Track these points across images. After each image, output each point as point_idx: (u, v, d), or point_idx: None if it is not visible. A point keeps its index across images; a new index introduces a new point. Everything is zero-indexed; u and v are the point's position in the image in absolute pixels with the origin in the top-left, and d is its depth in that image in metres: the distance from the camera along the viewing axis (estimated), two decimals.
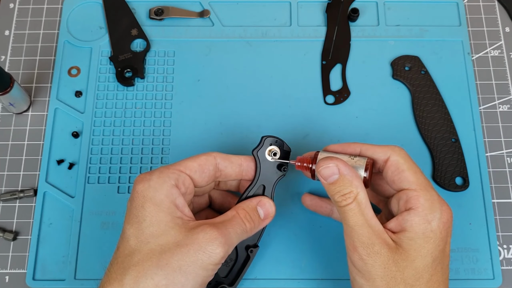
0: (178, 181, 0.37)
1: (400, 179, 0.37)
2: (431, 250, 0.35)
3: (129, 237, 0.35)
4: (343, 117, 0.53)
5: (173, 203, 0.36)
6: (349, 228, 0.36)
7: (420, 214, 0.35)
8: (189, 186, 0.38)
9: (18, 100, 0.52)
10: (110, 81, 0.54)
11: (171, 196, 0.36)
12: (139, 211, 0.35)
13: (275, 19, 0.58)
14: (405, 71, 0.54)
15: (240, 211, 0.38)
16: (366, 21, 0.57)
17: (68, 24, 0.57)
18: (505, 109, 0.54)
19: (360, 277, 0.36)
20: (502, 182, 0.51)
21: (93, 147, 0.52)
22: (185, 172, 0.38)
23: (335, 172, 0.37)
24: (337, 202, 0.37)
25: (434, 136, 0.51)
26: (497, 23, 0.58)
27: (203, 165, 0.39)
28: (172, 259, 0.34)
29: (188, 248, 0.34)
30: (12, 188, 0.51)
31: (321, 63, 0.55)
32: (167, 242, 0.34)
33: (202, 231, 0.35)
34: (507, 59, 0.56)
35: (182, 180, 0.37)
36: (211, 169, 0.39)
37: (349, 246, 0.36)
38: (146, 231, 0.35)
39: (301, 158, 0.41)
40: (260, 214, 0.40)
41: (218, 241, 0.34)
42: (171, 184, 0.36)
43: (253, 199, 0.40)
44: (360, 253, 0.35)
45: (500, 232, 0.49)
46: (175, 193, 0.36)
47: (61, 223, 0.49)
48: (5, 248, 0.49)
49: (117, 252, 0.36)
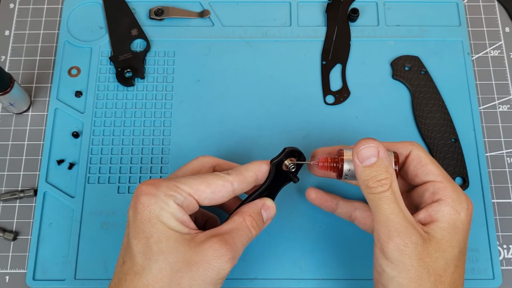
0: (183, 204, 0.36)
1: (425, 172, 0.38)
2: (459, 241, 0.35)
3: (136, 253, 0.34)
4: (343, 117, 0.53)
5: (179, 220, 0.35)
6: (384, 217, 0.34)
7: (450, 205, 0.35)
8: (193, 209, 0.37)
9: (18, 100, 0.52)
10: (110, 81, 0.54)
11: (178, 214, 0.35)
12: (145, 225, 0.34)
13: (275, 19, 0.58)
14: (405, 71, 0.54)
15: (247, 218, 0.37)
16: (366, 21, 0.57)
17: (68, 24, 0.57)
18: (505, 109, 0.54)
19: (392, 268, 0.35)
20: (502, 182, 0.51)
21: (93, 147, 0.52)
22: (193, 197, 0.36)
23: (374, 154, 0.35)
24: (370, 188, 0.35)
25: (434, 136, 0.51)
26: (497, 23, 0.58)
27: (217, 192, 0.37)
28: (183, 279, 0.33)
29: (198, 266, 0.33)
30: (12, 188, 0.51)
31: (321, 63, 0.55)
32: (176, 261, 0.34)
33: (211, 247, 0.34)
34: (507, 59, 0.56)
35: (187, 203, 0.36)
36: (225, 196, 0.37)
37: (383, 236, 0.34)
38: (154, 247, 0.34)
39: (325, 158, 0.40)
40: (263, 217, 0.39)
41: (227, 258, 0.34)
42: (177, 205, 0.35)
43: (257, 201, 0.39)
44: (398, 243, 0.34)
45: (500, 232, 0.49)
46: (180, 211, 0.35)
47: (61, 223, 0.49)
48: (5, 248, 0.49)
49: (123, 266, 0.35)
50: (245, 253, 0.47)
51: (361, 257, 0.47)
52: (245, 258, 0.47)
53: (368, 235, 0.41)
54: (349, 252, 0.47)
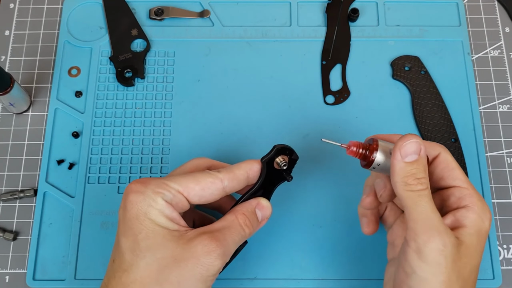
0: (172, 201, 0.35)
1: (451, 177, 0.37)
2: (482, 249, 0.35)
3: (124, 250, 0.34)
4: (343, 117, 0.53)
5: (168, 217, 0.35)
6: (423, 215, 0.33)
7: (477, 212, 0.35)
8: (183, 207, 0.36)
9: (18, 100, 0.52)
10: (110, 81, 0.54)
11: (166, 210, 0.35)
12: (133, 223, 0.34)
13: (275, 19, 0.58)
14: (405, 71, 0.54)
15: (239, 216, 0.37)
16: (366, 21, 0.57)
17: (68, 24, 0.57)
18: (505, 109, 0.54)
19: (424, 270, 0.33)
20: (502, 182, 0.51)
21: (93, 147, 0.52)
22: (182, 194, 0.36)
23: (416, 151, 0.34)
24: (410, 185, 0.34)
25: (434, 136, 0.51)
26: (497, 23, 0.58)
27: (206, 189, 0.36)
28: (171, 275, 0.33)
29: (187, 262, 0.33)
30: (12, 188, 0.51)
31: (321, 63, 0.55)
32: (164, 256, 0.33)
33: (200, 243, 0.34)
34: (507, 59, 0.56)
35: (177, 201, 0.36)
36: (215, 193, 0.37)
37: (423, 236, 0.33)
38: (142, 244, 0.34)
39: (357, 143, 0.37)
40: (258, 217, 0.38)
41: (217, 254, 0.33)
42: (165, 202, 0.35)
43: (251, 201, 0.39)
44: (438, 243, 0.32)
45: (500, 232, 0.49)
46: (169, 208, 0.35)
47: (61, 223, 0.49)
48: (5, 248, 0.49)
49: (113, 265, 0.35)
50: (245, 253, 0.47)
51: (361, 257, 0.47)
52: (245, 258, 0.47)
53: (369, 237, 0.41)
54: (349, 252, 0.47)
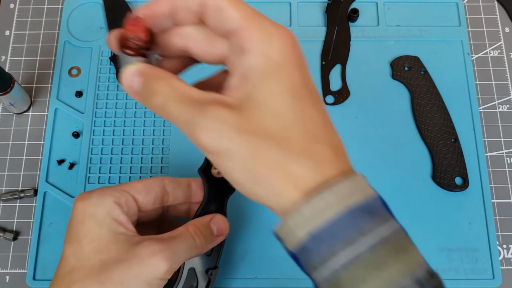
0: (120, 200, 0.34)
1: (222, 20, 0.26)
2: (285, 87, 0.26)
3: (68, 256, 0.34)
4: (343, 117, 0.53)
5: (115, 220, 0.34)
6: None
7: (255, 50, 0.26)
8: (132, 206, 0.35)
9: (19, 100, 0.52)
10: (111, 81, 0.55)
11: (113, 213, 0.34)
12: (79, 228, 0.34)
13: (275, 19, 0.57)
14: (404, 71, 0.54)
15: (190, 227, 0.36)
16: (366, 21, 0.57)
17: (68, 24, 0.57)
18: (504, 109, 0.54)
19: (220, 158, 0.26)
20: (502, 182, 0.51)
21: (93, 147, 0.52)
22: (128, 192, 0.35)
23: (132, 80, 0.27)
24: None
25: (434, 136, 0.51)
26: (497, 23, 0.58)
27: (148, 186, 0.36)
28: (114, 274, 0.32)
29: (130, 262, 0.32)
30: (13, 188, 0.51)
31: (320, 63, 0.55)
32: (108, 258, 0.32)
33: (145, 246, 0.33)
34: (506, 59, 0.56)
35: (124, 199, 0.35)
36: (157, 190, 0.37)
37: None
38: (87, 248, 0.33)
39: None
40: (213, 231, 0.37)
41: (162, 255, 0.33)
42: (112, 201, 0.34)
43: (206, 216, 0.38)
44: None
45: (499, 232, 0.49)
46: (116, 210, 0.34)
47: (62, 223, 0.49)
48: (6, 248, 0.49)
49: (57, 271, 0.34)
50: (245, 253, 0.47)
51: None
52: (245, 258, 0.47)
53: None
54: None
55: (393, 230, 0.25)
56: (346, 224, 0.24)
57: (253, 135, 0.25)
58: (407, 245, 0.25)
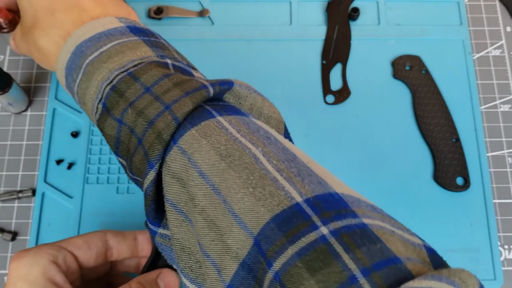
0: (57, 258, 0.32)
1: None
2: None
3: None
4: (343, 117, 0.53)
5: (50, 280, 0.31)
6: None
7: None
8: (71, 264, 0.33)
9: (17, 100, 0.51)
10: None
11: (49, 273, 0.31)
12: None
13: (276, 18, 0.57)
14: (405, 70, 0.54)
15: (133, 284, 0.33)
16: (366, 20, 0.57)
17: None
18: (506, 109, 0.54)
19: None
20: (503, 182, 0.51)
21: (92, 147, 0.51)
22: (66, 249, 0.33)
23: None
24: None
25: (435, 136, 0.51)
26: (498, 22, 0.58)
27: (89, 241, 0.34)
28: None
29: None
30: (11, 188, 0.51)
31: (321, 62, 0.55)
32: None
33: None
34: (508, 59, 0.56)
35: (62, 257, 0.32)
36: (99, 245, 0.34)
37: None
38: None
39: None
40: (160, 287, 0.35)
41: None
42: (49, 260, 0.31)
43: (152, 272, 0.35)
44: None
45: (501, 232, 0.49)
46: (53, 270, 0.31)
47: (60, 224, 0.48)
48: (4, 248, 0.48)
49: None
50: None
51: None
52: None
53: None
54: None
55: (116, 43, 0.31)
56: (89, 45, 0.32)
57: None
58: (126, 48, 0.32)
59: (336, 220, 0.22)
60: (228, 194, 0.25)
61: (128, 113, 0.29)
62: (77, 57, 0.32)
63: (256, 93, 0.34)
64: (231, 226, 0.24)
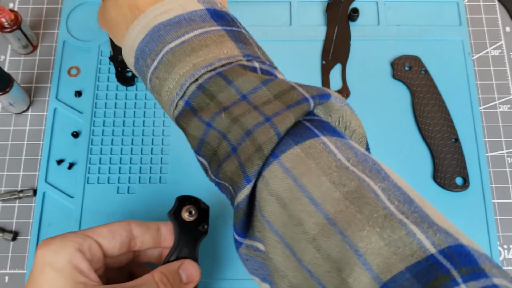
0: (82, 246, 0.32)
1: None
2: None
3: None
4: None
5: (76, 268, 0.32)
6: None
7: None
8: (96, 253, 0.33)
9: (18, 100, 0.52)
10: (110, 81, 0.54)
11: (74, 260, 0.32)
12: (38, 276, 0.31)
13: (275, 19, 0.58)
14: (405, 71, 0.54)
15: (156, 274, 0.34)
16: (366, 21, 0.57)
17: (68, 24, 0.57)
18: (505, 109, 0.54)
19: None
20: (503, 182, 0.51)
21: (92, 147, 0.51)
22: (91, 237, 0.33)
23: None
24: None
25: (435, 136, 0.51)
26: (498, 23, 0.58)
27: (114, 231, 0.34)
28: None
29: None
30: (12, 188, 0.51)
31: (321, 63, 0.55)
32: None
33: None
34: (507, 59, 0.56)
35: (87, 245, 0.33)
36: (124, 235, 0.35)
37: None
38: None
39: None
40: (182, 278, 0.35)
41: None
42: (74, 248, 0.32)
43: (175, 262, 0.36)
44: None
45: (500, 232, 0.49)
46: (78, 257, 0.32)
47: (61, 223, 0.49)
48: (5, 248, 0.49)
49: None
50: None
51: None
52: None
53: None
54: None
55: (195, 34, 0.29)
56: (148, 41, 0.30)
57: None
58: (201, 46, 0.29)
59: (473, 279, 0.21)
60: (348, 228, 0.23)
61: (222, 118, 0.27)
62: (153, 41, 0.30)
63: (348, 106, 0.32)
64: (353, 265, 0.22)
